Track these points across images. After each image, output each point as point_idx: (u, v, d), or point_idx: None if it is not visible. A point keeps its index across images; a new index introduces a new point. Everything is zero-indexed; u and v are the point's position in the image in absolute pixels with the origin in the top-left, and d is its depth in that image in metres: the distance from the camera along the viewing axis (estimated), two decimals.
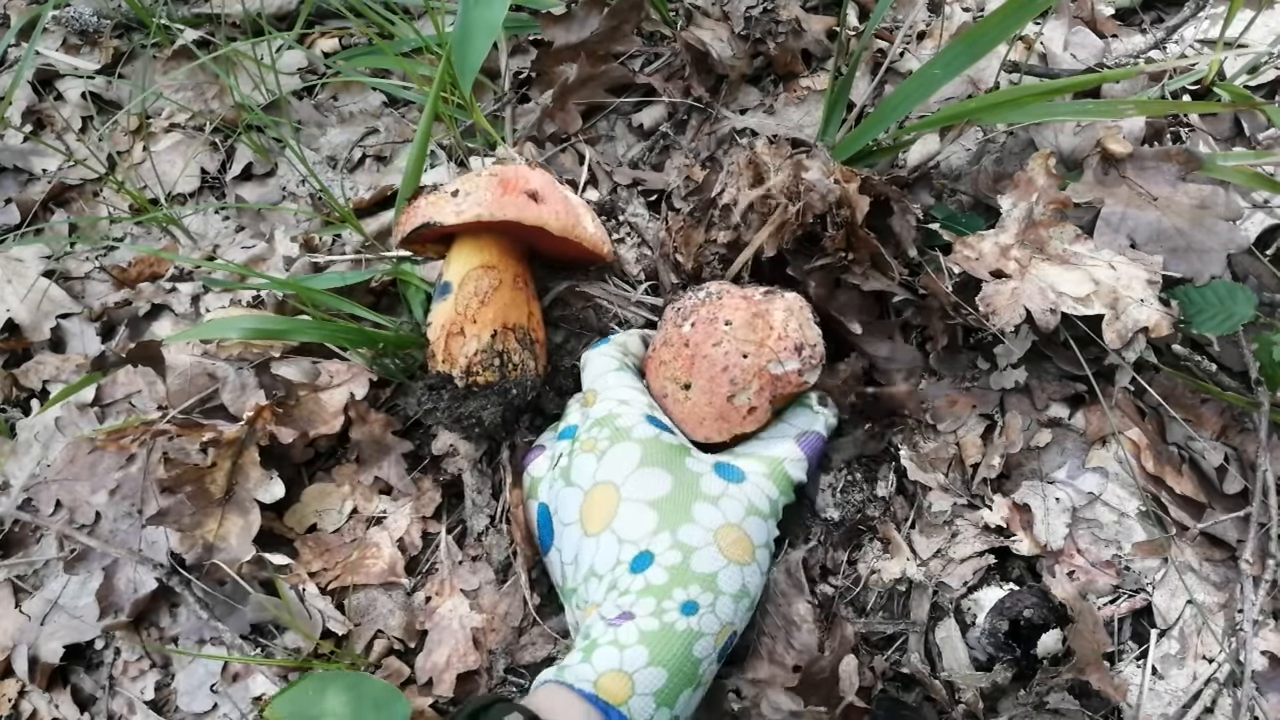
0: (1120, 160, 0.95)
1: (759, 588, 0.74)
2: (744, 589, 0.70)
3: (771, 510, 0.78)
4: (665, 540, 0.73)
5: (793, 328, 0.83)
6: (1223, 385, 0.90)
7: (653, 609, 0.69)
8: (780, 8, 1.15)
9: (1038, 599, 0.81)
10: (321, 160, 1.29)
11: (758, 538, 0.74)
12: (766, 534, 0.76)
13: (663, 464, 0.78)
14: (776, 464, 0.81)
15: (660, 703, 0.63)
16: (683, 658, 0.66)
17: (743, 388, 0.81)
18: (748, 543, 0.73)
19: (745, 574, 0.72)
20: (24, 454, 1.10)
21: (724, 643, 0.69)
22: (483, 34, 1.04)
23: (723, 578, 0.71)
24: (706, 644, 0.68)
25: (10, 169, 1.36)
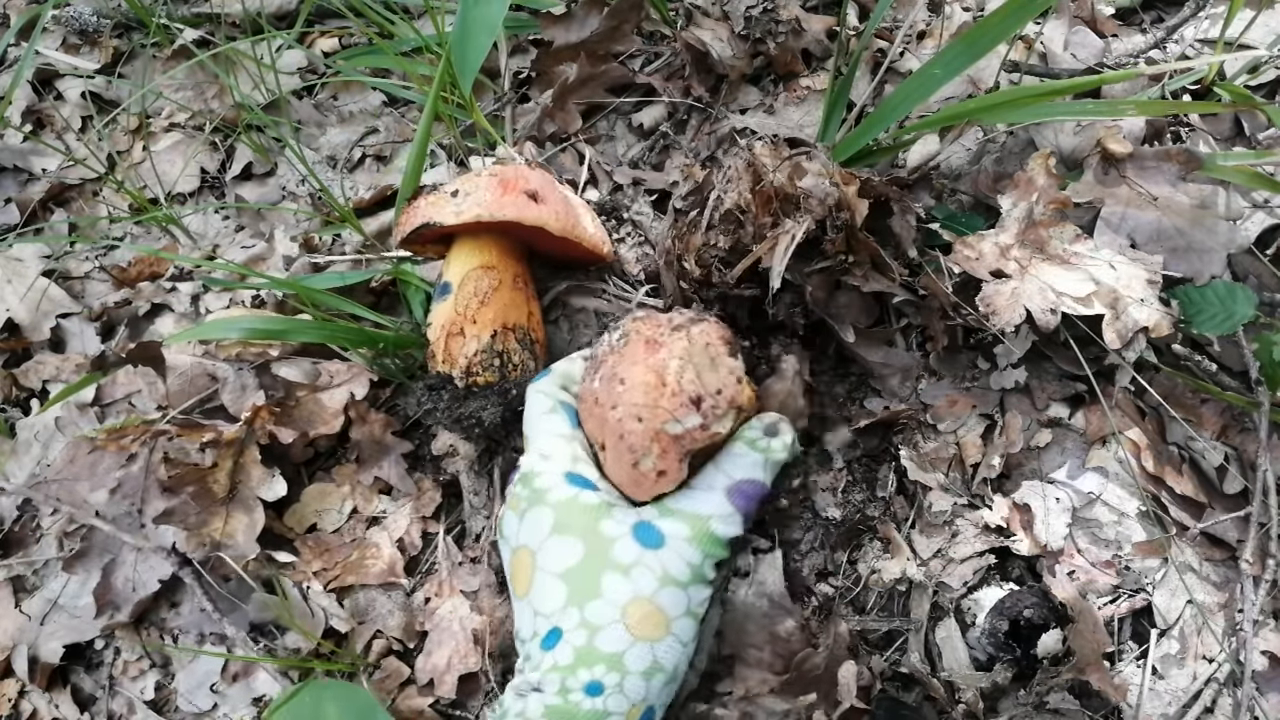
0: (1120, 160, 0.95)
1: (681, 658, 0.70)
2: (656, 665, 0.67)
3: (694, 576, 0.72)
4: (573, 618, 0.70)
5: (688, 379, 0.75)
6: (1223, 385, 0.90)
7: (558, 687, 0.68)
8: (780, 7, 1.15)
9: (1038, 599, 0.81)
10: (321, 160, 1.28)
11: (674, 609, 0.70)
12: (687, 603, 0.71)
13: (576, 530, 0.73)
14: (701, 524, 0.74)
15: None
16: None
17: (644, 454, 0.74)
18: (660, 617, 0.68)
19: (657, 651, 0.68)
20: (24, 454, 1.10)
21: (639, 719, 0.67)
22: (482, 33, 1.04)
23: (630, 657, 0.68)
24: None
25: (10, 168, 1.36)
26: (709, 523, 0.74)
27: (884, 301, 0.97)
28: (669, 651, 0.68)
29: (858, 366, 0.97)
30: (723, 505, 0.74)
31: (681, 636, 0.69)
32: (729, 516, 0.74)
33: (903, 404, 0.95)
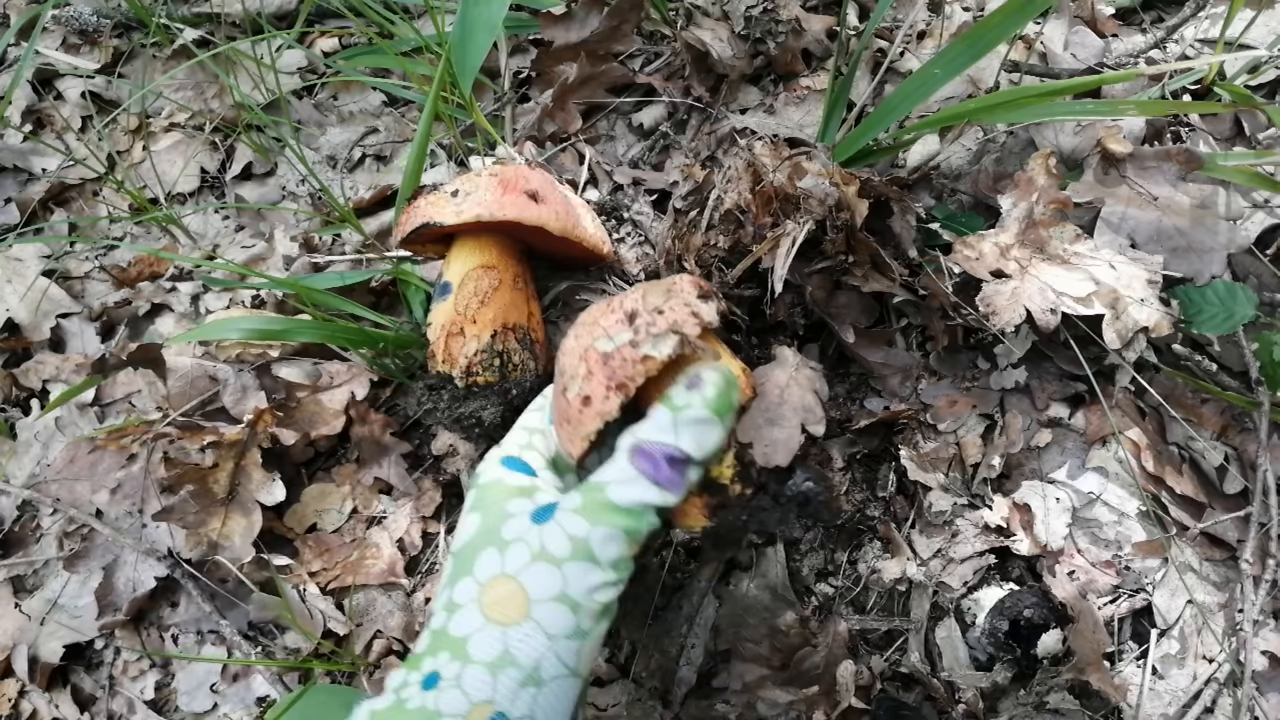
0: (1120, 160, 0.95)
1: (546, 656, 0.53)
2: (507, 657, 0.51)
3: (577, 552, 0.55)
4: (443, 598, 0.60)
5: (632, 299, 0.65)
6: (1223, 385, 0.90)
7: (398, 683, 0.56)
8: (780, 7, 1.15)
9: (1038, 599, 0.81)
10: (321, 160, 1.28)
11: (540, 589, 0.54)
12: (561, 584, 0.55)
13: (483, 507, 0.64)
14: (594, 491, 0.60)
15: None
16: None
17: (571, 377, 0.64)
18: (521, 597, 0.54)
19: (510, 638, 0.52)
20: (24, 454, 1.10)
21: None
22: (482, 33, 1.04)
23: (475, 643, 0.54)
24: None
25: (10, 168, 1.36)
26: (604, 490, 0.59)
27: (884, 301, 0.97)
28: (525, 642, 0.51)
29: (858, 366, 0.97)
30: (623, 469, 0.59)
31: (547, 625, 0.52)
32: (629, 481, 0.58)
33: (903, 404, 0.95)
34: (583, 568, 0.54)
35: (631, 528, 0.55)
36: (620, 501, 0.56)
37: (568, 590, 0.53)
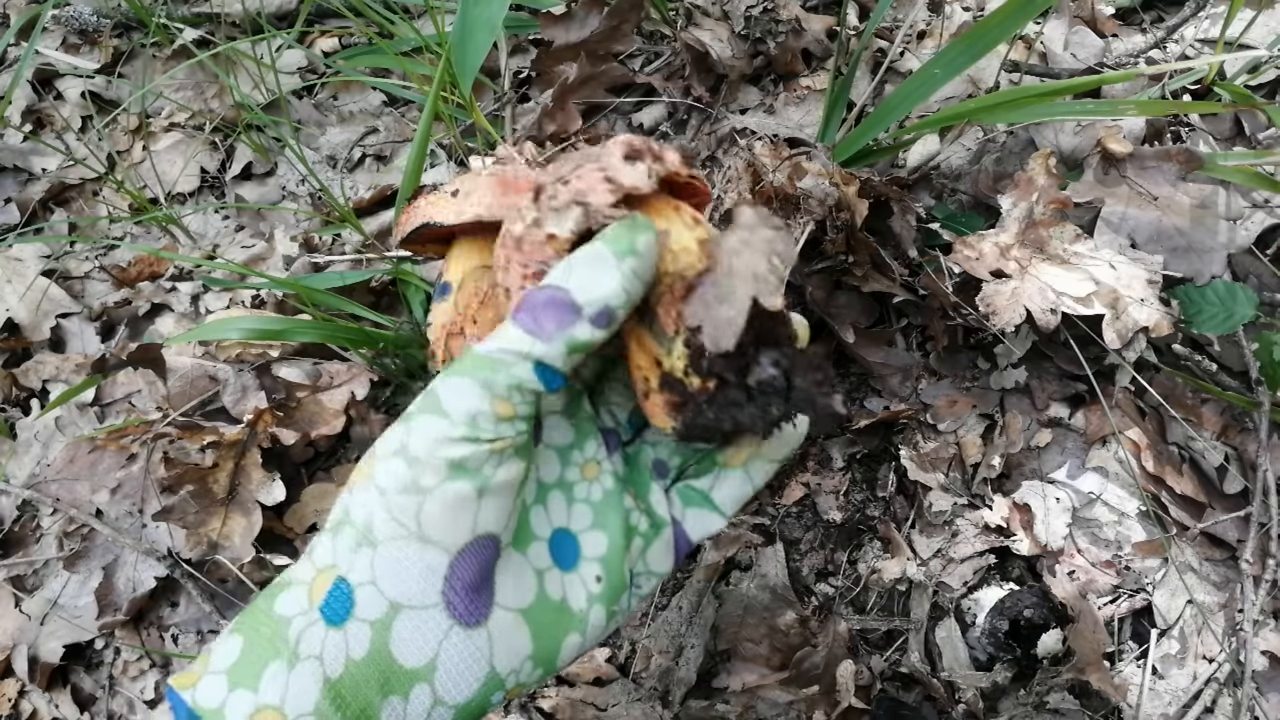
0: (1120, 160, 0.95)
1: (376, 512, 0.43)
2: (344, 518, 0.43)
3: (423, 405, 0.44)
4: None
5: (550, 168, 0.55)
6: (1223, 385, 0.90)
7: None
8: (780, 7, 1.15)
9: (1038, 599, 0.81)
10: (321, 160, 1.28)
11: (385, 447, 0.45)
12: (403, 437, 0.44)
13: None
14: (467, 350, 0.50)
15: (235, 682, 0.41)
16: (260, 618, 0.43)
17: (496, 267, 0.55)
18: (369, 459, 0.46)
19: (350, 500, 0.44)
20: (24, 454, 1.10)
21: (324, 597, 0.42)
22: (482, 33, 1.04)
23: (329, 516, 0.47)
24: (292, 597, 0.43)
25: (10, 168, 1.36)
26: (474, 345, 0.51)
27: (884, 301, 0.97)
28: (360, 500, 0.43)
29: (858, 366, 0.97)
30: (504, 325, 0.50)
31: (380, 480, 0.43)
32: (502, 332, 0.46)
33: (903, 404, 0.95)
34: (427, 420, 0.43)
35: (488, 378, 0.42)
36: (480, 350, 0.45)
37: (408, 443, 0.42)
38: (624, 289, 0.42)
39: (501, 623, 0.42)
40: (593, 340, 0.42)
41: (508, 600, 0.42)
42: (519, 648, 0.42)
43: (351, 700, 0.39)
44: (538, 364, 0.42)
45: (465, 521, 0.41)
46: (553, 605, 0.44)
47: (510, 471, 0.42)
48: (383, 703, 0.39)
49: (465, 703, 0.41)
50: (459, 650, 0.41)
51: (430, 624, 0.40)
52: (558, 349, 0.42)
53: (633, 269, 0.43)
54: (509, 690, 0.43)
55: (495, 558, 0.42)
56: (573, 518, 0.46)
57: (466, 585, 0.41)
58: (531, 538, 0.45)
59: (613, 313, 0.42)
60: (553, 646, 0.43)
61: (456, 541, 0.41)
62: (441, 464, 0.41)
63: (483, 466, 0.41)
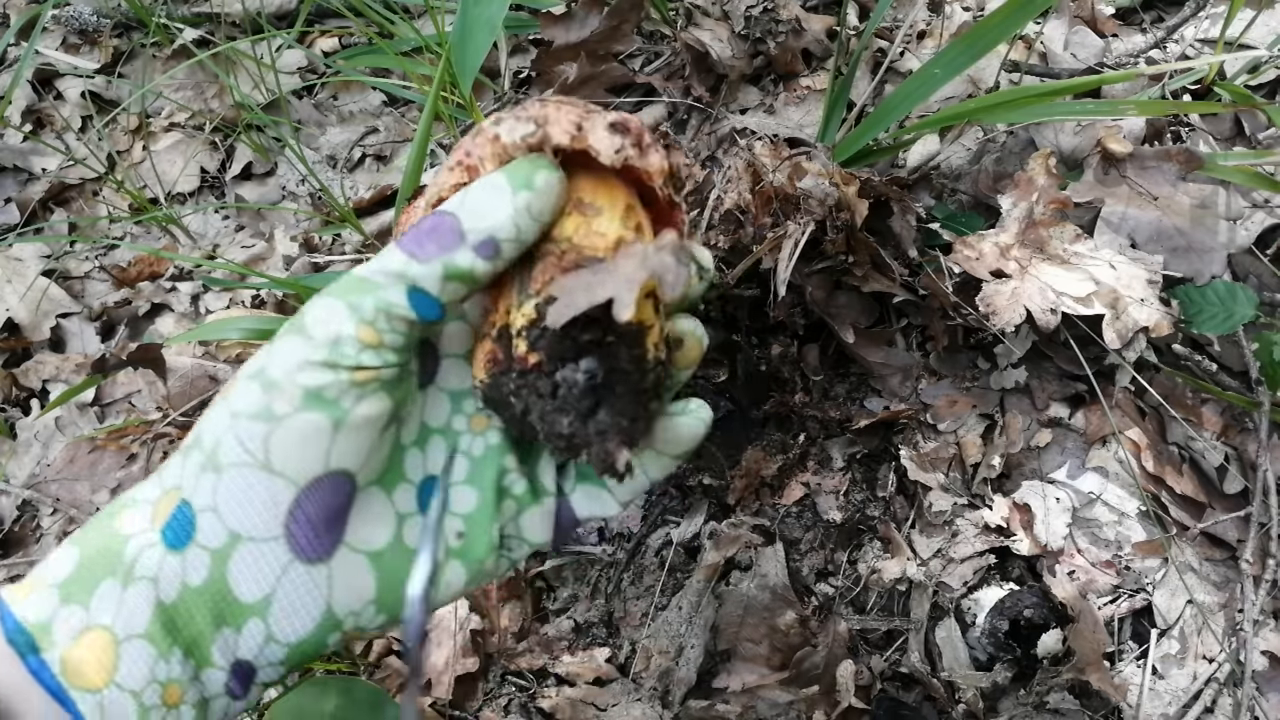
0: (1120, 160, 0.95)
1: (224, 436, 0.39)
2: (196, 439, 0.40)
3: (289, 327, 0.41)
4: None
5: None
6: (1223, 385, 0.90)
7: None
8: (780, 7, 1.15)
9: (1038, 599, 0.81)
10: (321, 160, 1.28)
11: (246, 369, 0.41)
12: (263, 360, 0.40)
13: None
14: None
15: (66, 597, 0.38)
16: (99, 534, 0.40)
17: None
18: (232, 380, 0.42)
19: (205, 420, 0.41)
20: (24, 454, 1.10)
21: (167, 519, 0.39)
22: (482, 33, 1.04)
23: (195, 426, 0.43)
24: (135, 516, 0.40)
25: (10, 168, 1.36)
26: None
27: (884, 301, 0.97)
28: (212, 422, 0.39)
29: (858, 366, 0.97)
30: (387, 248, 0.44)
31: (234, 403, 0.39)
32: (383, 254, 0.41)
33: (903, 404, 0.95)
34: (289, 341, 0.39)
35: (356, 300, 0.38)
36: (356, 271, 0.41)
37: (266, 367, 0.39)
38: (514, 222, 0.39)
39: (345, 563, 0.39)
40: (473, 269, 0.39)
41: (357, 541, 0.40)
42: (361, 590, 0.40)
43: (184, 628, 0.37)
44: (412, 288, 0.39)
45: (316, 455, 0.38)
46: (407, 552, 0.41)
47: (372, 407, 0.38)
48: (215, 634, 0.38)
49: (299, 641, 0.39)
50: (296, 586, 0.38)
51: (269, 557, 0.38)
52: (434, 272, 0.39)
53: (526, 204, 0.39)
54: (346, 632, 0.40)
55: (349, 496, 0.39)
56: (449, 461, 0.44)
57: (312, 521, 0.38)
58: (401, 479, 0.42)
59: (498, 245, 0.39)
60: (399, 594, 0.40)
61: (305, 475, 0.38)
62: (297, 391, 0.37)
63: (341, 398, 0.37)
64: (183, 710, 0.37)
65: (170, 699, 0.37)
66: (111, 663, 0.36)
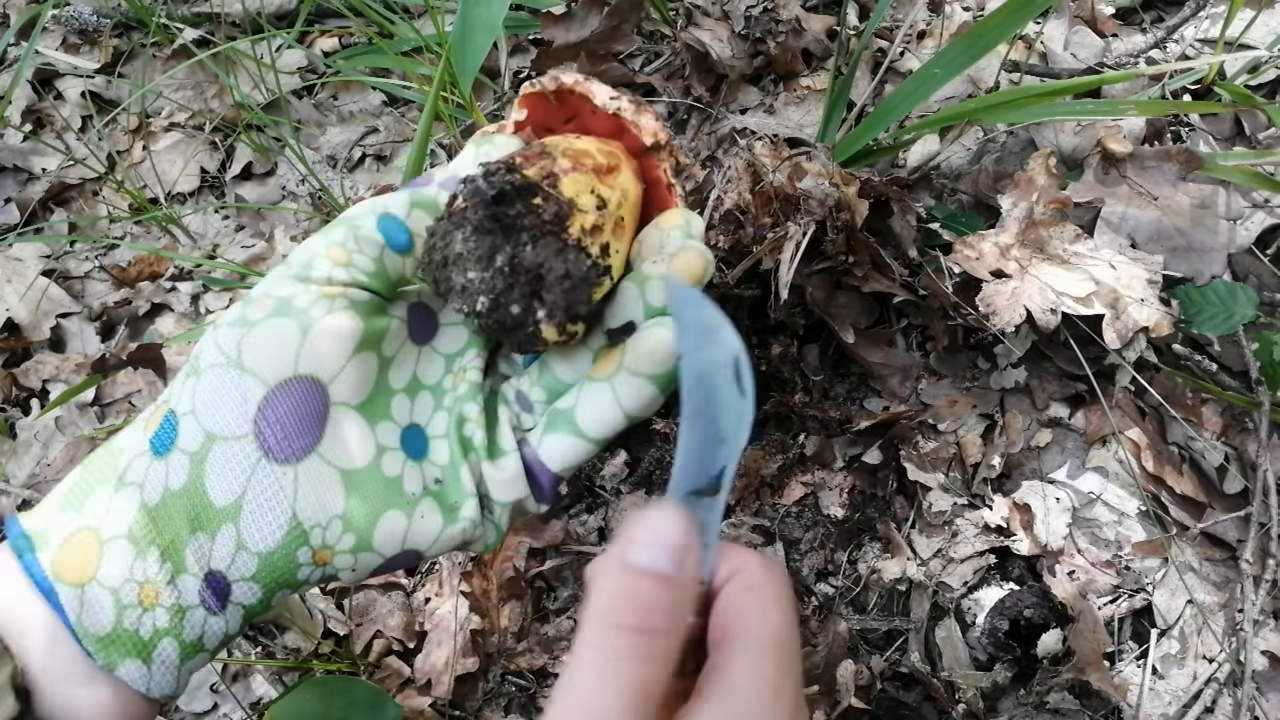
0: (1120, 160, 0.95)
1: (205, 343, 0.41)
2: (191, 356, 0.42)
3: (280, 261, 0.46)
4: None
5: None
6: (1223, 385, 0.90)
7: None
8: (780, 7, 1.15)
9: (1038, 599, 0.81)
10: (321, 159, 1.28)
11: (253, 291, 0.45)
12: (267, 279, 0.44)
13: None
14: None
15: (64, 506, 0.40)
16: (100, 452, 0.43)
17: None
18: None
19: (197, 344, 0.43)
20: (24, 454, 1.10)
21: (156, 429, 0.40)
22: (482, 33, 1.04)
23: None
24: (131, 431, 0.42)
25: (10, 168, 1.36)
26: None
27: (884, 301, 0.97)
28: (200, 342, 0.42)
29: (858, 366, 0.97)
30: None
31: (223, 315, 0.43)
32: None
33: (903, 404, 0.95)
34: (273, 270, 0.43)
35: (330, 230, 0.42)
36: (341, 214, 0.44)
37: (249, 291, 0.43)
38: (473, 165, 0.44)
39: (314, 470, 0.40)
40: (436, 199, 0.43)
41: (332, 456, 0.40)
42: (329, 502, 0.40)
43: (164, 529, 0.38)
44: (381, 215, 0.42)
45: (285, 357, 0.39)
46: (382, 479, 0.41)
47: (340, 320, 0.40)
48: (190, 538, 0.38)
49: (269, 551, 0.39)
50: (264, 486, 0.39)
51: (240, 455, 0.39)
52: (400, 199, 0.43)
53: (486, 153, 0.45)
54: (316, 551, 0.39)
55: (321, 405, 0.40)
56: (432, 421, 0.45)
57: (281, 421, 0.39)
58: (386, 416, 0.43)
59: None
60: (369, 514, 0.40)
61: (274, 375, 0.39)
62: (270, 301, 0.41)
63: (310, 307, 0.40)
64: (157, 613, 0.38)
65: (146, 599, 0.38)
66: (95, 561, 0.38)
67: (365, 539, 0.40)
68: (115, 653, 0.37)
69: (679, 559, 0.32)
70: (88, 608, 0.37)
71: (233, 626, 0.40)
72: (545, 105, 0.49)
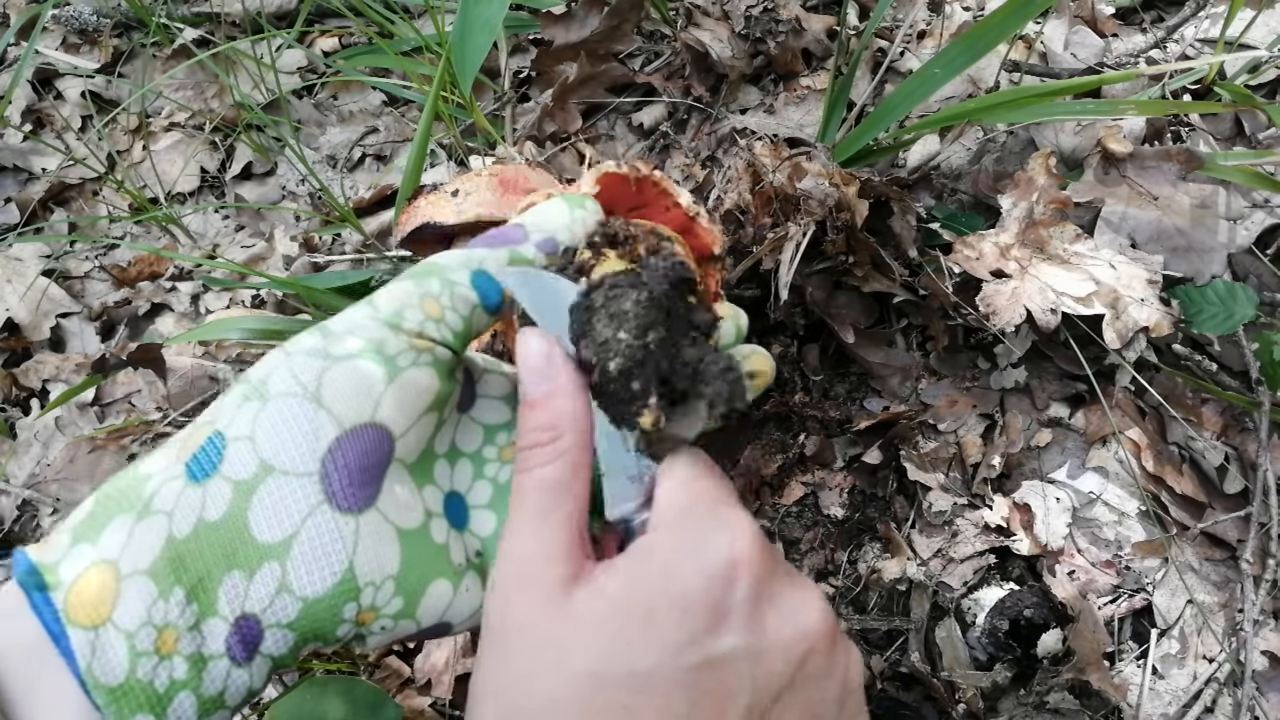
0: (1121, 160, 0.95)
1: (276, 369, 0.39)
2: (244, 378, 0.41)
3: (362, 302, 0.42)
4: None
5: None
6: (1223, 385, 0.90)
7: None
8: (780, 7, 1.15)
9: (1038, 599, 0.81)
10: (321, 159, 1.28)
11: (310, 329, 0.43)
12: (327, 321, 0.42)
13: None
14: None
15: (78, 537, 0.36)
16: (121, 477, 0.39)
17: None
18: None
19: (254, 367, 0.41)
20: (24, 454, 1.10)
21: (194, 451, 0.37)
22: (482, 33, 1.04)
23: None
24: (160, 455, 0.39)
25: (10, 168, 1.36)
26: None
27: (884, 301, 0.97)
28: (262, 364, 0.40)
29: (858, 366, 0.97)
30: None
31: (289, 345, 0.40)
32: (452, 250, 0.45)
33: (903, 404, 0.95)
34: (355, 309, 0.41)
35: (423, 279, 0.41)
36: (429, 260, 0.44)
37: (328, 324, 0.40)
38: (569, 229, 0.44)
39: (375, 526, 0.37)
40: (534, 259, 0.43)
41: (389, 514, 0.38)
42: (386, 561, 0.38)
43: (192, 565, 0.35)
44: (476, 272, 0.41)
45: (366, 401, 0.37)
46: (432, 544, 0.40)
47: (424, 376, 0.39)
48: (225, 575, 0.35)
49: (315, 598, 0.36)
50: (323, 530, 0.36)
51: (300, 493, 0.36)
52: (498, 256, 0.42)
53: (581, 218, 0.45)
54: (362, 610, 0.37)
55: (386, 459, 0.38)
56: (473, 490, 0.44)
57: (350, 468, 0.37)
58: (430, 480, 0.42)
59: (556, 244, 0.43)
60: (420, 579, 0.39)
61: (351, 417, 0.37)
62: (358, 341, 0.38)
63: (397, 356, 0.38)
64: (175, 662, 0.34)
65: (164, 647, 0.34)
66: (112, 599, 0.33)
67: (411, 605, 0.39)
68: (126, 707, 0.33)
69: (540, 378, 0.38)
70: (99, 654, 0.33)
71: (257, 681, 0.36)
72: (623, 188, 0.51)
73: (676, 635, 0.34)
